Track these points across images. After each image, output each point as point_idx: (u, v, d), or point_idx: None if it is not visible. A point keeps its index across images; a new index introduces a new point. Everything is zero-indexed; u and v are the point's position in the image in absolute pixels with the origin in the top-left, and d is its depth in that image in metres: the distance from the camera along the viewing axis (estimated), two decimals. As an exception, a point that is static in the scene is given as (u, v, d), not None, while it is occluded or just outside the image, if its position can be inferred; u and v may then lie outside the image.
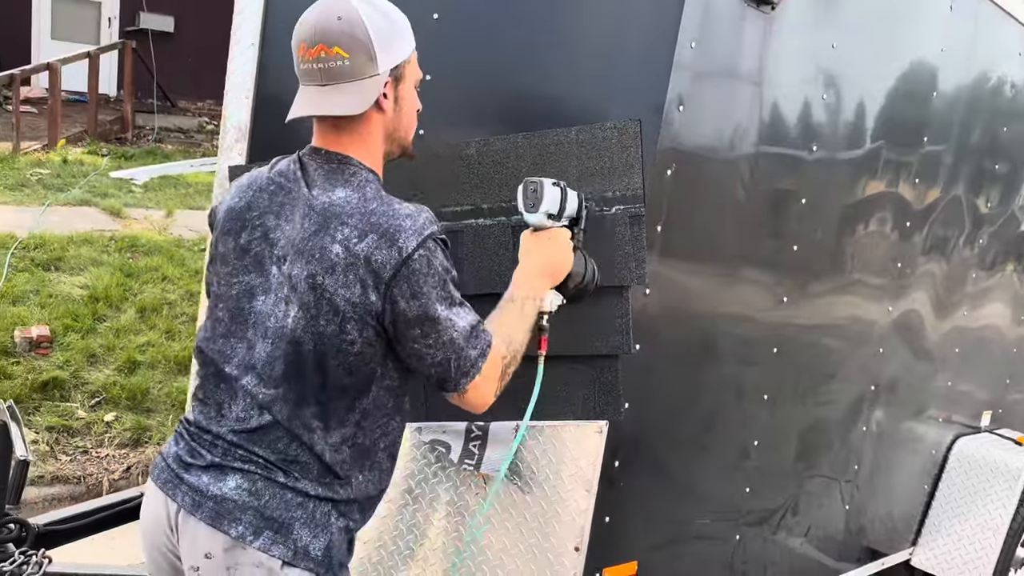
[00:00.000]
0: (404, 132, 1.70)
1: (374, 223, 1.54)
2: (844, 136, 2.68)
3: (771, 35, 2.24)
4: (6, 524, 2.21)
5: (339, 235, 1.53)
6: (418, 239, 1.54)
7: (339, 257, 1.53)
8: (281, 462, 1.58)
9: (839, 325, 2.91)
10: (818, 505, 3.00)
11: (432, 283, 1.55)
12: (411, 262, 1.52)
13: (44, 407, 4.48)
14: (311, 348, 1.55)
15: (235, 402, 1.61)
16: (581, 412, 2.04)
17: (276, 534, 1.54)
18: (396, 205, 1.58)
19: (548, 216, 1.81)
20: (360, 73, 1.56)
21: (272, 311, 1.58)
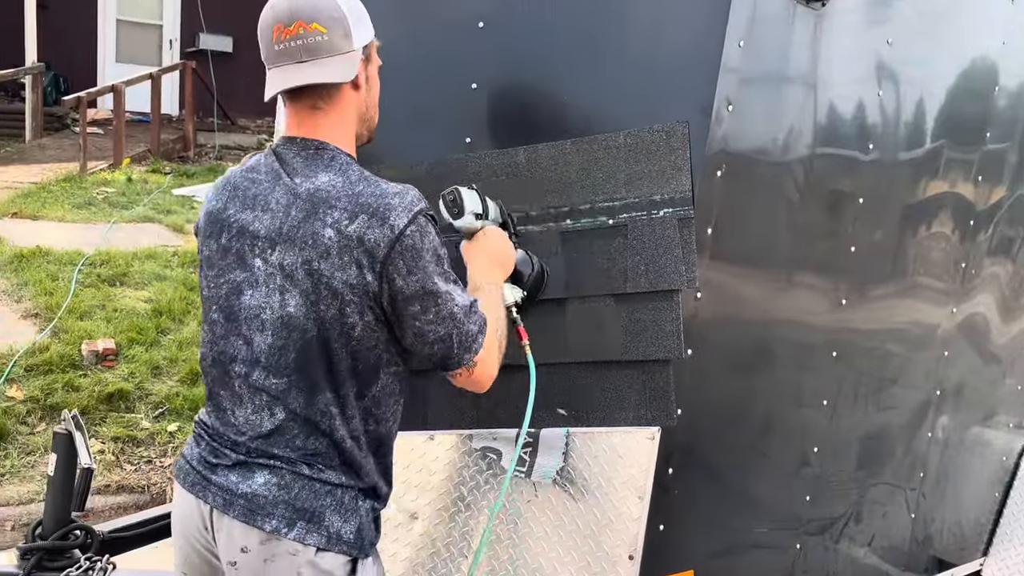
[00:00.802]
0: (373, 113, 1.72)
1: (363, 203, 1.54)
2: (902, 135, 2.62)
3: (822, 32, 2.20)
4: (72, 531, 2.27)
5: (329, 219, 1.55)
6: (409, 215, 1.55)
7: (332, 240, 1.54)
8: (303, 458, 1.60)
9: (901, 328, 2.83)
10: (882, 514, 2.92)
11: (428, 258, 1.56)
12: (404, 238, 1.53)
13: (110, 418, 4.62)
14: (315, 334, 1.56)
15: (242, 406, 1.63)
16: (633, 418, 2.02)
17: (309, 523, 1.58)
18: (383, 185, 1.59)
19: (475, 216, 1.86)
20: (338, 48, 1.58)
21: (265, 303, 1.59)
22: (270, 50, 1.60)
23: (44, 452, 4.26)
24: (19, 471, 4.17)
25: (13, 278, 6.01)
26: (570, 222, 2.07)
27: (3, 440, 4.31)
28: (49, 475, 2.29)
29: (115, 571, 2.22)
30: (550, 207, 2.09)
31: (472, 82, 2.19)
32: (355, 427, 1.62)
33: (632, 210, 1.99)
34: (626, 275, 2.00)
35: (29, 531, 2.29)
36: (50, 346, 5.07)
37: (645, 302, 1.99)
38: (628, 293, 2.01)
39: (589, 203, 2.05)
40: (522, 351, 1.88)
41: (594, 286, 2.04)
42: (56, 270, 6.12)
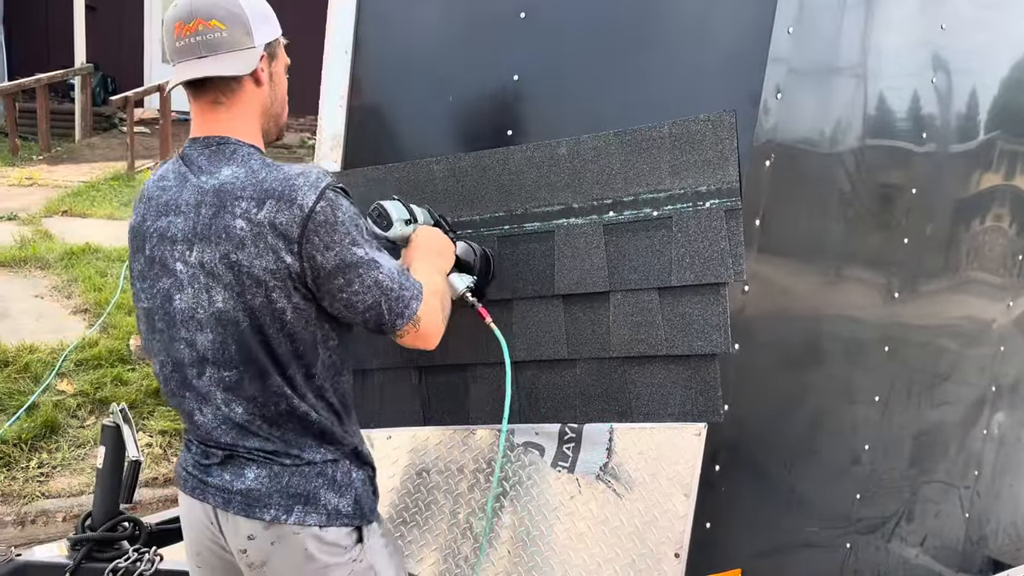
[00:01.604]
0: (279, 110, 1.75)
1: (268, 189, 1.57)
2: (956, 125, 2.54)
3: (873, 18, 2.14)
4: (121, 522, 2.31)
5: (238, 210, 1.57)
6: (316, 192, 1.57)
7: (244, 231, 1.56)
8: (279, 443, 1.65)
9: (955, 323, 2.75)
10: (935, 513, 2.84)
11: (343, 231, 1.58)
12: (315, 215, 1.55)
13: (157, 412, 4.68)
14: (248, 324, 1.59)
15: (208, 404, 1.67)
16: (678, 414, 1.99)
17: (306, 505, 1.64)
18: (285, 168, 1.62)
19: (405, 223, 1.92)
20: (238, 44, 1.62)
21: (195, 303, 1.62)
22: (172, 47, 1.65)
23: (93, 445, 4.34)
24: (69, 464, 4.26)
25: (63, 274, 6.14)
26: (613, 214, 2.04)
27: (54, 433, 4.39)
28: (98, 468, 2.33)
29: (162, 563, 2.24)
30: (593, 199, 2.06)
31: (514, 74, 2.17)
32: (313, 402, 1.66)
33: (677, 202, 1.96)
34: (671, 268, 1.97)
35: (79, 523, 2.33)
36: (99, 341, 5.17)
37: (691, 296, 1.96)
38: (673, 286, 1.97)
39: (633, 195, 2.01)
40: (489, 330, 1.97)
41: (638, 280, 2.01)
42: (105, 267, 6.24)
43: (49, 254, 6.39)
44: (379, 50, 2.38)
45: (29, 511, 3.98)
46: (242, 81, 1.64)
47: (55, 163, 10.12)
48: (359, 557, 1.70)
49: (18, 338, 5.04)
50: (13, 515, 3.94)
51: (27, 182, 9.02)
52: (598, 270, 2.05)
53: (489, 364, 2.21)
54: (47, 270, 6.23)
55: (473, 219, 2.20)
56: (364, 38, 2.37)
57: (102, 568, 2.20)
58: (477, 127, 2.26)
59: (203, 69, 1.62)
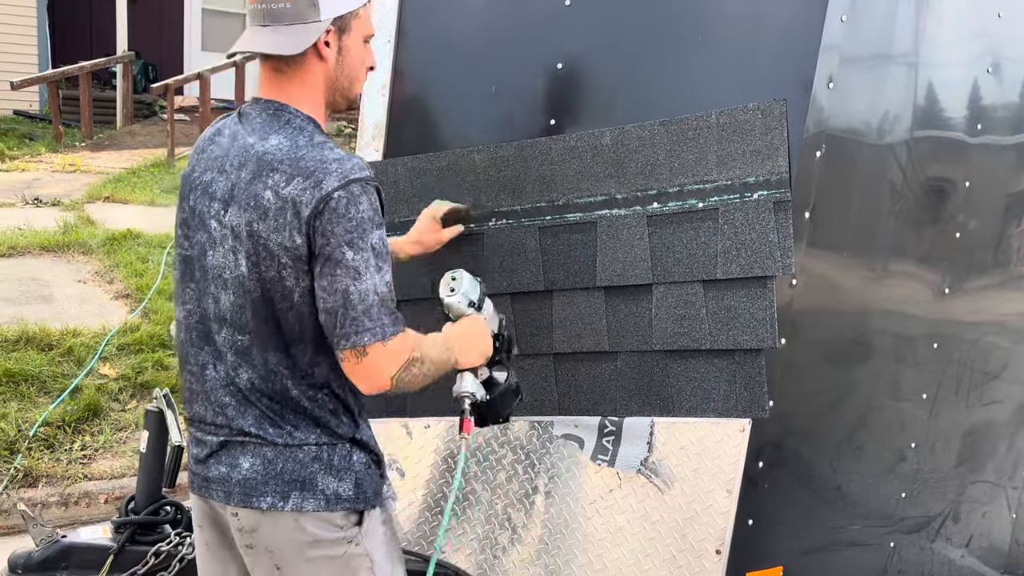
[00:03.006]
0: (348, 83, 1.70)
1: (302, 167, 1.56)
2: (1012, 116, 2.47)
3: (928, 5, 2.08)
4: (163, 506, 2.33)
5: (270, 181, 1.56)
6: (341, 180, 1.54)
7: (270, 203, 1.56)
8: (273, 424, 1.63)
9: (1006, 319, 2.68)
10: (982, 513, 2.78)
11: (346, 226, 1.53)
12: (330, 201, 1.53)
13: (197, 397, 4.73)
14: (259, 295, 1.59)
15: (220, 363, 1.66)
16: (722, 409, 1.96)
17: (303, 491, 1.62)
18: (327, 151, 1.59)
19: (468, 303, 1.84)
20: (300, 17, 1.60)
21: (224, 263, 1.62)
22: (247, 7, 1.66)
23: (135, 429, 4.40)
24: (111, 446, 4.32)
25: (105, 260, 6.22)
26: (657, 205, 2.01)
27: (96, 416, 4.45)
28: (141, 452, 2.35)
29: (203, 547, 2.26)
30: (636, 190, 2.03)
31: (558, 62, 2.14)
32: (309, 390, 1.63)
33: (724, 193, 1.92)
34: (716, 261, 1.94)
35: (122, 506, 2.36)
36: (140, 326, 5.23)
37: (736, 289, 1.92)
38: (718, 279, 1.94)
39: (678, 186, 1.98)
40: (463, 441, 1.78)
41: (682, 272, 1.98)
42: (146, 252, 6.31)
43: (91, 239, 6.48)
44: (421, 39, 2.36)
45: (72, 492, 4.04)
46: (305, 53, 1.62)
47: (97, 150, 10.27)
48: (355, 539, 1.66)
49: (62, 322, 5.11)
50: (57, 496, 4.01)
51: (70, 168, 9.16)
52: (641, 262, 2.02)
53: (526, 356, 2.19)
54: (89, 255, 6.32)
55: (514, 209, 2.18)
56: (407, 27, 2.35)
57: (145, 551, 2.23)
58: (520, 116, 2.24)
59: (259, 42, 1.62)
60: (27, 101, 11.75)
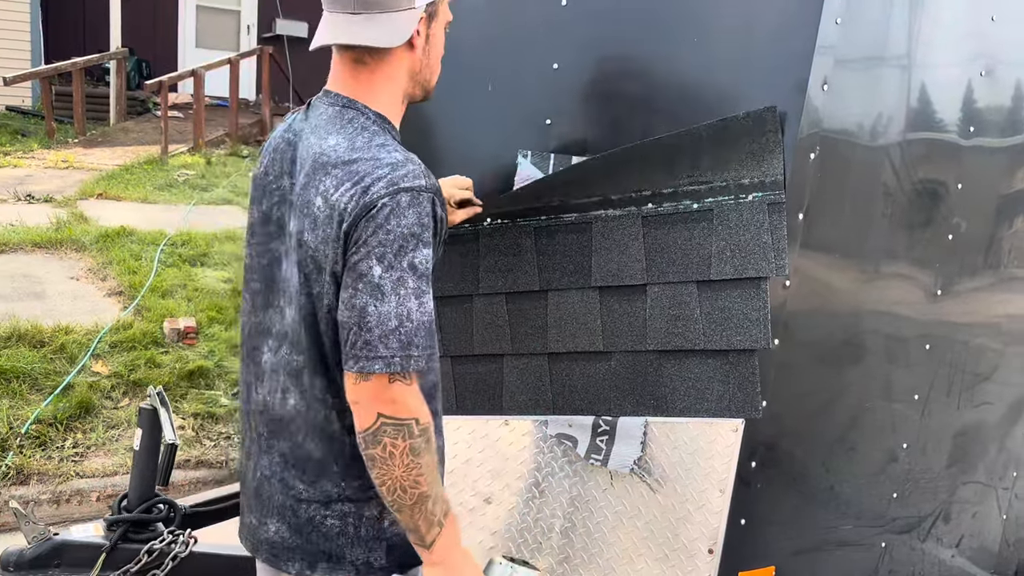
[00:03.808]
0: (430, 74, 1.58)
1: (354, 171, 1.41)
2: (1004, 119, 2.48)
3: (922, 7, 2.09)
4: (156, 504, 2.33)
5: (322, 187, 1.43)
6: (390, 188, 1.38)
7: (319, 211, 1.42)
8: (298, 459, 1.51)
9: (997, 321, 2.69)
10: (972, 514, 2.80)
11: (382, 238, 1.36)
12: (373, 210, 1.37)
13: (190, 395, 4.73)
14: (309, 310, 1.46)
15: (262, 382, 1.55)
16: (715, 409, 1.97)
17: (330, 562, 1.52)
18: (384, 153, 1.43)
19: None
20: (395, 4, 1.45)
21: (291, 275, 1.49)
22: None
23: (127, 426, 4.40)
24: (104, 444, 4.31)
25: (98, 257, 6.21)
26: (652, 206, 2.01)
27: (89, 414, 4.45)
28: (134, 449, 2.35)
29: (196, 545, 2.26)
30: (631, 191, 2.03)
31: (554, 62, 2.15)
32: (348, 426, 1.47)
33: (719, 194, 1.93)
34: (710, 261, 1.94)
35: (115, 503, 2.35)
36: (133, 323, 5.22)
37: (730, 290, 1.93)
38: (712, 280, 1.95)
39: (673, 187, 1.99)
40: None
41: (676, 272, 1.99)
42: (139, 250, 6.31)
43: (84, 236, 6.47)
44: (417, 37, 2.36)
45: (64, 490, 4.04)
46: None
47: (90, 146, 10.24)
48: None
49: (54, 319, 5.10)
50: (49, 494, 4.00)
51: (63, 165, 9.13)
52: (635, 262, 2.03)
53: (522, 355, 2.20)
54: (82, 252, 6.31)
55: (509, 209, 2.18)
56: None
57: (137, 549, 2.22)
58: (515, 116, 2.24)
59: (351, 35, 1.45)
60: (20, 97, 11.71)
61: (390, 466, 1.38)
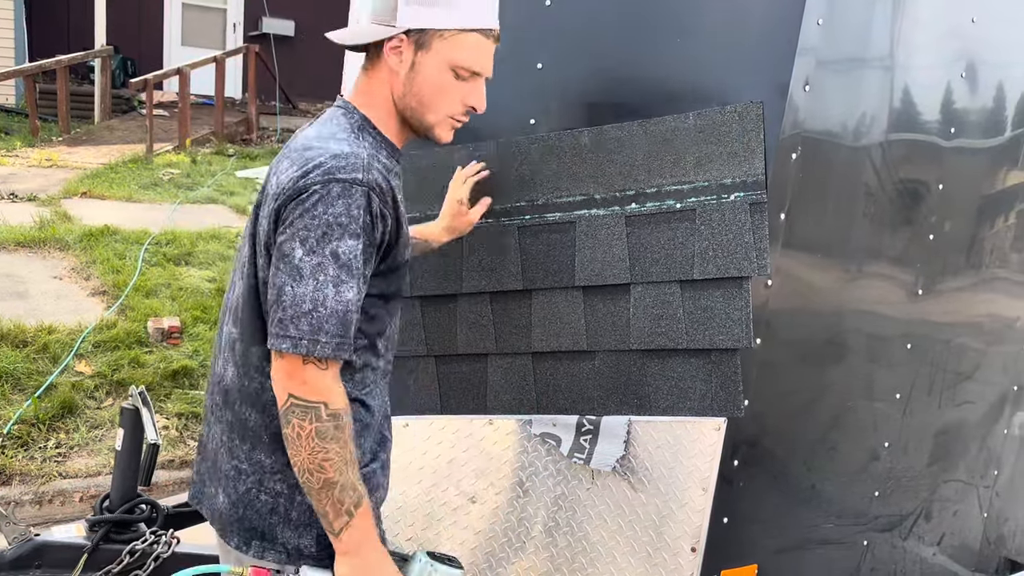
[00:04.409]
0: (417, 104, 1.56)
1: (304, 157, 1.46)
2: (984, 121, 2.50)
3: (903, 9, 2.11)
4: (138, 505, 2.32)
5: (279, 167, 1.51)
6: (324, 176, 1.42)
7: (270, 188, 1.51)
8: (238, 428, 1.57)
9: (978, 321, 2.72)
10: (953, 512, 2.82)
11: (307, 223, 1.39)
12: (304, 193, 1.41)
13: (174, 394, 4.71)
14: (252, 283, 1.53)
15: (219, 354, 1.64)
16: (698, 408, 1.97)
17: (263, 542, 1.56)
18: (334, 144, 1.47)
19: None
20: (380, 18, 1.53)
21: (245, 249, 1.59)
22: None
23: (111, 426, 4.37)
24: (87, 444, 4.29)
25: (82, 256, 6.17)
26: (636, 206, 2.02)
27: (72, 414, 4.42)
28: (116, 450, 2.33)
29: (179, 545, 2.25)
30: (615, 190, 2.04)
31: (538, 62, 2.15)
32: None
33: (701, 194, 1.94)
34: (693, 261, 1.95)
35: (97, 504, 2.34)
36: (117, 323, 5.19)
37: (713, 289, 1.94)
38: (695, 280, 1.96)
39: (656, 187, 2.00)
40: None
41: (659, 272, 2.00)
42: (123, 249, 6.27)
43: (68, 235, 6.43)
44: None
45: (46, 491, 4.01)
46: (380, 55, 1.54)
47: (74, 144, 10.17)
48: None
49: (37, 319, 5.07)
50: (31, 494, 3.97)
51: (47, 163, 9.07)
52: (619, 262, 2.03)
53: (505, 355, 2.20)
54: (66, 251, 6.26)
55: (494, 208, 2.18)
56: (387, 24, 2.35)
57: (119, 550, 2.21)
58: (500, 116, 2.24)
59: (337, 33, 1.60)
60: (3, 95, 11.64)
61: (297, 447, 1.42)
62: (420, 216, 2.30)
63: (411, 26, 1.51)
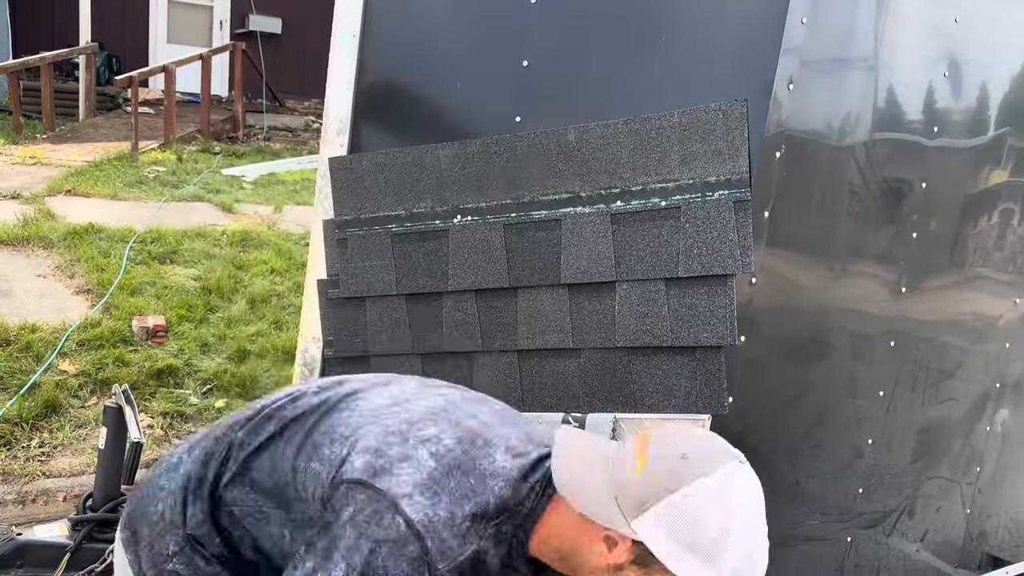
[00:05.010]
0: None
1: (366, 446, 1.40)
2: (967, 120, 2.52)
3: (887, 8, 2.12)
4: (122, 503, 2.31)
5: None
6: (391, 499, 1.30)
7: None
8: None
9: (961, 319, 2.74)
10: (936, 508, 2.84)
11: (349, 532, 1.29)
12: (352, 488, 1.34)
13: (159, 393, 4.68)
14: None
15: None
16: (683, 405, 1.98)
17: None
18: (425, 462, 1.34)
19: None
20: (624, 500, 1.30)
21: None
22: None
23: (95, 425, 4.34)
24: (70, 444, 4.26)
25: (66, 254, 6.12)
26: (621, 204, 2.02)
27: (55, 413, 4.39)
28: (100, 449, 2.32)
29: (163, 544, 2.24)
30: (600, 188, 2.04)
31: (523, 60, 2.15)
32: None
33: (686, 192, 1.94)
34: (678, 259, 1.96)
35: (80, 503, 2.33)
36: (101, 321, 5.15)
37: (698, 287, 1.94)
38: (680, 277, 1.96)
39: (641, 184, 2.00)
40: None
41: (645, 270, 2.00)
42: (108, 247, 6.22)
43: (52, 233, 6.38)
44: (387, 34, 2.35)
45: (30, 490, 3.97)
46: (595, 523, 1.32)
47: (59, 142, 10.10)
48: None
49: (20, 317, 5.03)
50: (14, 494, 3.94)
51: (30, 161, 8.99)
52: (605, 259, 2.04)
53: (491, 352, 2.20)
54: (50, 249, 6.21)
55: (480, 206, 2.18)
56: (372, 22, 2.34)
57: (103, 548, 2.20)
58: (485, 113, 2.24)
59: (569, 487, 1.35)
60: (-14, 92, 11.53)
61: None
62: (404, 214, 2.30)
63: (650, 548, 1.28)
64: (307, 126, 12.63)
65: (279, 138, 12.04)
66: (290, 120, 12.89)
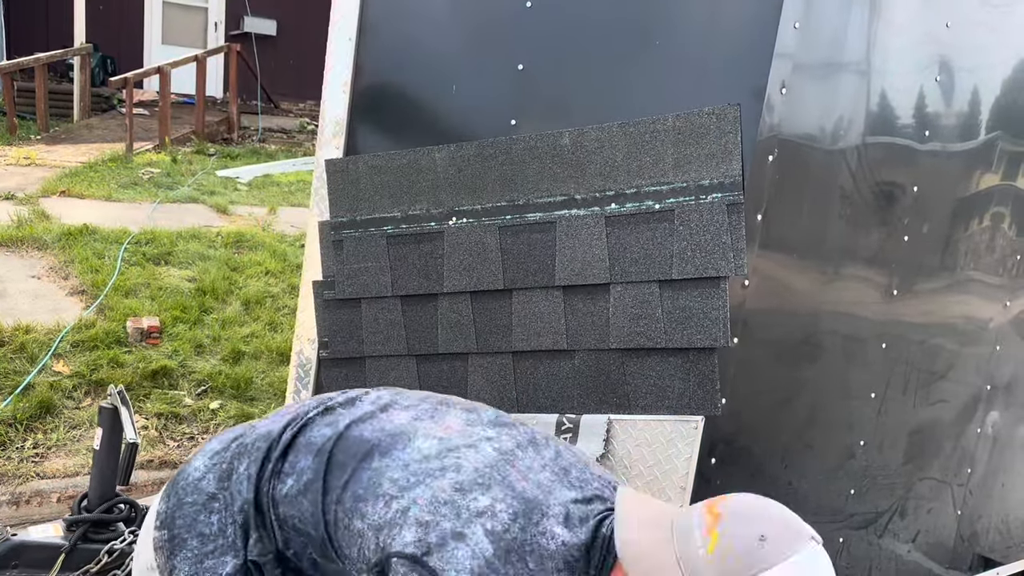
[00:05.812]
0: None
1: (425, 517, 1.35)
2: (959, 124, 2.54)
3: (879, 13, 2.14)
4: (116, 504, 2.31)
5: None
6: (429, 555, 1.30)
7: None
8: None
9: (952, 322, 2.76)
10: (927, 509, 2.86)
11: None
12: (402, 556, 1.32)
13: (154, 394, 4.68)
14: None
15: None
16: (676, 406, 1.99)
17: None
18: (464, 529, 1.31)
19: None
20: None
21: None
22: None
23: (89, 426, 4.34)
24: (65, 444, 4.26)
25: (60, 255, 6.11)
26: (615, 206, 2.04)
27: (50, 414, 4.39)
28: (95, 449, 2.33)
29: (158, 545, 2.24)
30: (595, 191, 2.06)
31: (518, 63, 2.17)
32: None
33: (680, 195, 1.96)
34: (672, 261, 1.97)
35: (75, 504, 2.34)
36: (96, 323, 5.15)
37: (691, 289, 1.96)
38: (674, 279, 1.98)
39: (635, 187, 2.01)
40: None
41: (639, 272, 2.01)
42: (102, 248, 6.22)
43: (46, 234, 6.37)
44: (383, 37, 2.37)
45: (24, 491, 3.97)
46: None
47: (53, 143, 10.08)
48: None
49: (14, 318, 5.02)
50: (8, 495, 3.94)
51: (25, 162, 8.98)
52: (599, 262, 2.05)
53: (486, 354, 2.21)
54: (44, 250, 6.20)
55: (475, 208, 2.20)
56: (369, 24, 2.36)
57: (98, 549, 2.20)
58: (481, 116, 2.26)
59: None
60: (-20, 92, 11.49)
61: None
62: (400, 216, 2.31)
63: None
64: (302, 128, 12.63)
65: (274, 140, 12.03)
66: (285, 122, 12.89)
